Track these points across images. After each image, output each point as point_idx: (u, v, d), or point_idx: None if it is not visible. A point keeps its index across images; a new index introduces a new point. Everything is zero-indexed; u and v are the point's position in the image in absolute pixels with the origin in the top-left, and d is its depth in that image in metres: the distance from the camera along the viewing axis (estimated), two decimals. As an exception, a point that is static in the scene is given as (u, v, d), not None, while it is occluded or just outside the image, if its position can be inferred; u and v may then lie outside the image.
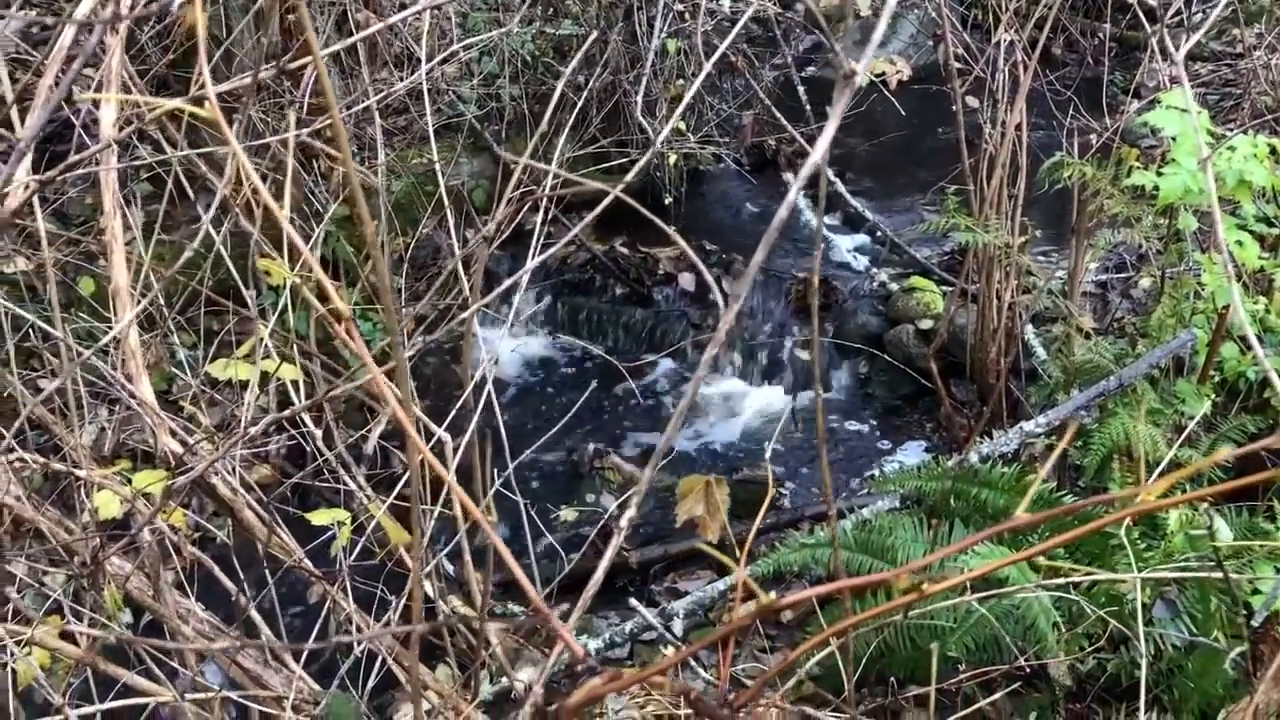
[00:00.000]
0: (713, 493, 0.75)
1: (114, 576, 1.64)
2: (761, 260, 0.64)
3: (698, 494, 0.75)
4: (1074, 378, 3.17)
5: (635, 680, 0.56)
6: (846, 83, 0.59)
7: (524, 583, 0.60)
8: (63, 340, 1.65)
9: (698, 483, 0.77)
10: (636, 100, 4.43)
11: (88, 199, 4.47)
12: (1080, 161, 2.97)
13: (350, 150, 2.53)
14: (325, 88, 0.63)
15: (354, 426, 3.93)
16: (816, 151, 0.59)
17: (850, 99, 0.61)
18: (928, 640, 2.64)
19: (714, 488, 0.76)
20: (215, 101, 0.59)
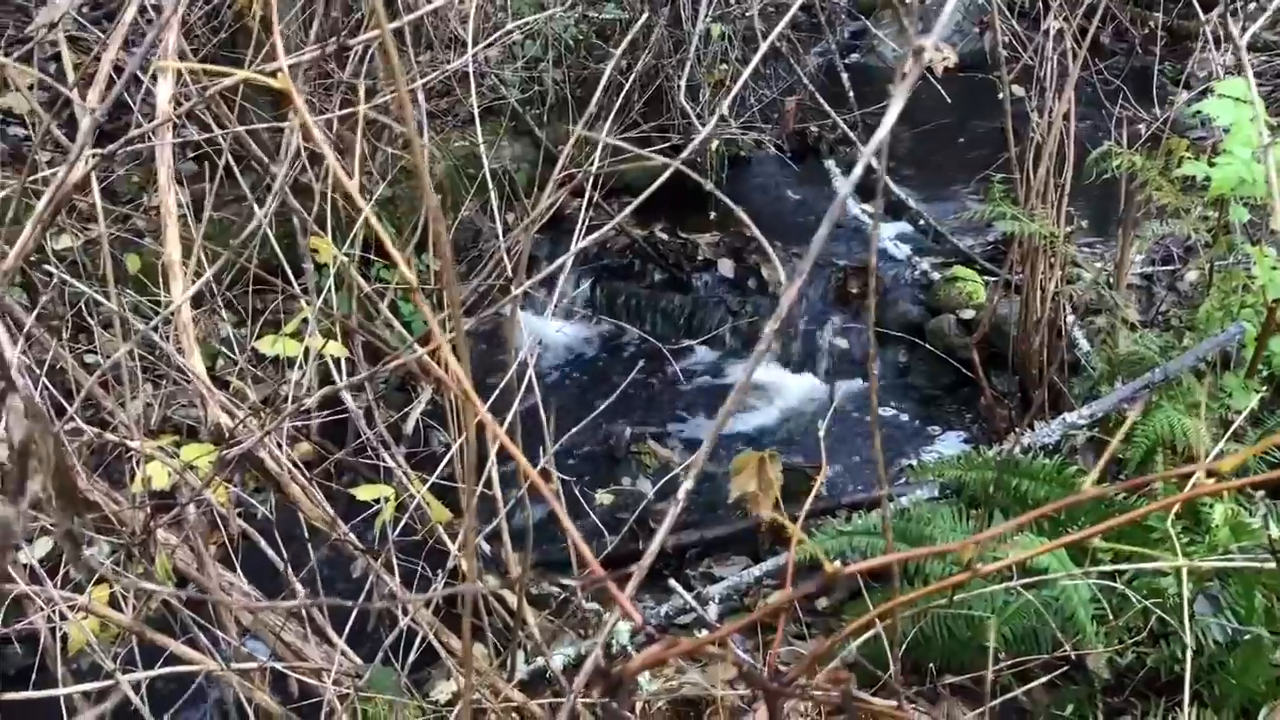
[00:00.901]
0: (766, 469, 0.76)
1: (162, 547, 1.67)
2: (817, 254, 0.64)
3: (751, 470, 0.76)
4: (1118, 370, 3.14)
5: (694, 647, 0.57)
6: (915, 60, 0.59)
7: (583, 550, 0.60)
8: (118, 314, 1.68)
9: (751, 459, 0.77)
10: (679, 85, 4.42)
11: (134, 177, 4.53)
12: (1129, 151, 2.93)
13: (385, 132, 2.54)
14: (393, 63, 0.63)
15: (394, 406, 3.97)
16: (880, 132, 0.59)
17: (915, 78, 0.60)
18: (964, 630, 2.64)
19: (768, 464, 0.76)
20: (286, 72, 0.59)
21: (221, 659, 1.72)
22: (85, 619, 1.56)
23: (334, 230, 2.89)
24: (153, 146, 2.24)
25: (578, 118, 4.75)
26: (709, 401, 4.52)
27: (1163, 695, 2.47)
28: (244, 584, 2.36)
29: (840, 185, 5.14)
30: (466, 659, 0.82)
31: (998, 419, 3.70)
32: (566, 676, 2.82)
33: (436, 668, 2.94)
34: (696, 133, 4.57)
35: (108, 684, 1.52)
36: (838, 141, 5.45)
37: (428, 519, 2.17)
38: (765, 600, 3.28)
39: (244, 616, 2.24)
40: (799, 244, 4.92)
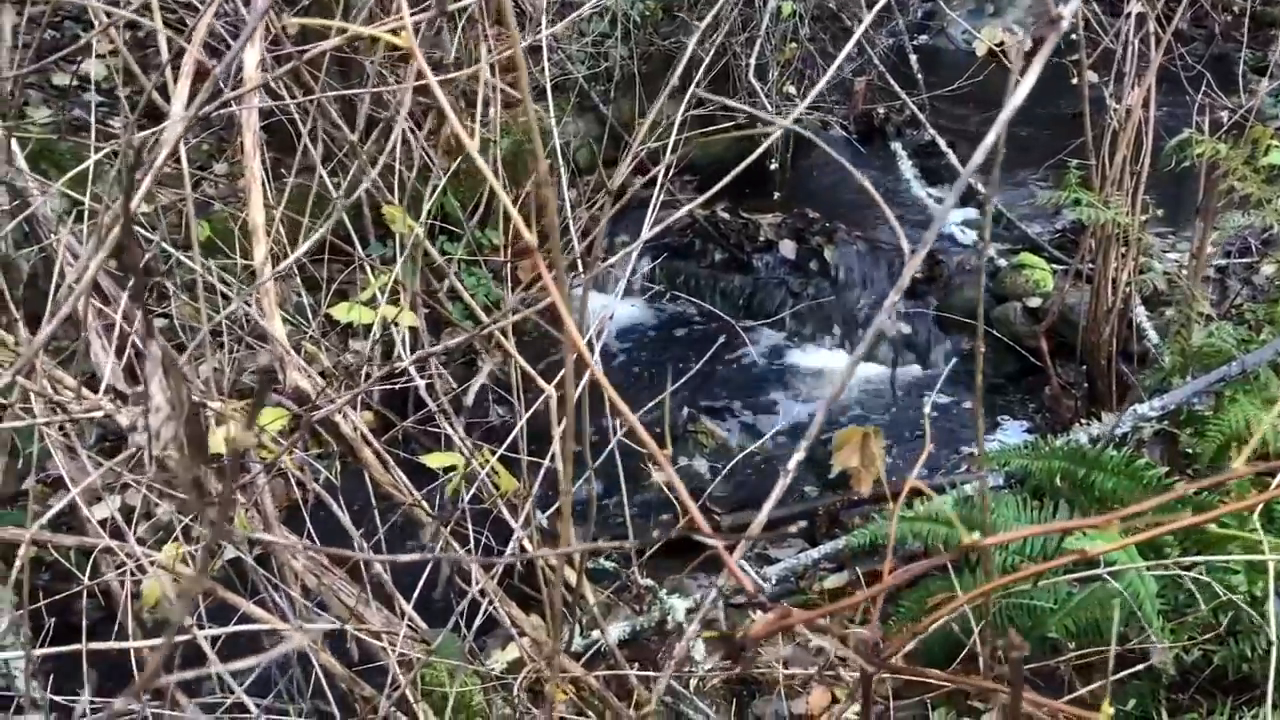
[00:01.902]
0: (870, 444, 0.75)
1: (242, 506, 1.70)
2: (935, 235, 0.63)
3: (854, 445, 0.75)
4: (1190, 363, 3.08)
5: (808, 618, 0.57)
6: (1052, 28, 0.57)
7: (693, 511, 0.60)
8: (201, 277, 1.70)
9: (855, 434, 0.76)
10: (748, 63, 4.39)
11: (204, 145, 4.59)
12: (1212, 139, 2.86)
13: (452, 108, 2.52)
14: (511, 23, 0.63)
15: (455, 378, 4.00)
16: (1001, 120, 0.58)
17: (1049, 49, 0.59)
18: (1026, 620, 2.61)
19: (872, 440, 0.75)
20: (411, 29, 0.59)
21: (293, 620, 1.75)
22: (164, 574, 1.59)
23: (401, 202, 2.91)
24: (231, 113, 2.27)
25: (644, 94, 4.74)
26: (767, 383, 4.50)
27: (1229, 694, 2.42)
28: (308, 548, 2.40)
29: (911, 182, 5.09)
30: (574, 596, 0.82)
31: (1063, 409, 3.64)
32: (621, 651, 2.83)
33: (492, 637, 2.97)
34: (763, 111, 4.54)
35: (185, 637, 1.55)
36: (905, 124, 5.38)
37: (489, 490, 2.18)
38: (822, 583, 3.27)
39: (309, 580, 2.27)
40: (862, 226, 4.88)
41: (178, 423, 0.49)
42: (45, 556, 2.81)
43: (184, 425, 0.47)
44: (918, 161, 5.26)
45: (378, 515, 2.35)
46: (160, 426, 0.49)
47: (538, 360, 4.21)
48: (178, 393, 0.50)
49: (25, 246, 2.69)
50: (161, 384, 0.50)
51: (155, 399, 0.49)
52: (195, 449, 0.47)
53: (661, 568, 3.34)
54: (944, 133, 5.15)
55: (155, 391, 0.49)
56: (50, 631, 2.59)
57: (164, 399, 0.49)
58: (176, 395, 0.50)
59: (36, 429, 1.49)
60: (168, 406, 0.49)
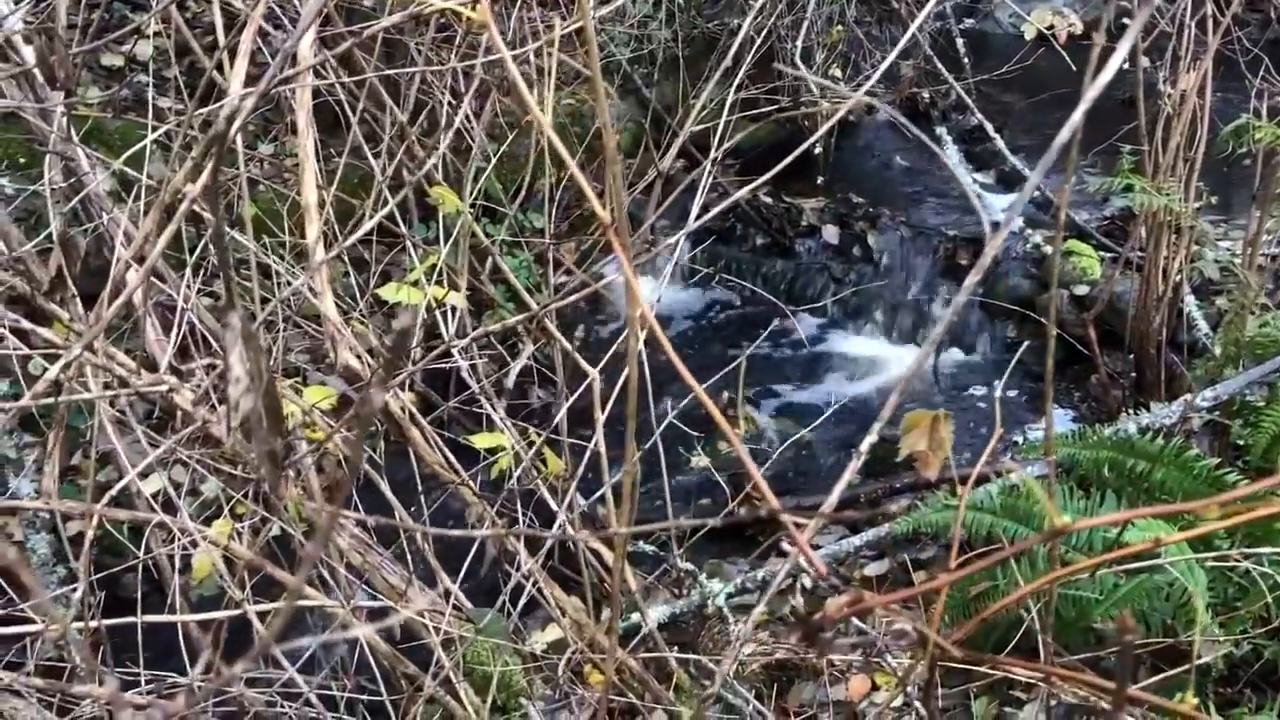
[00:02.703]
0: (939, 428, 0.74)
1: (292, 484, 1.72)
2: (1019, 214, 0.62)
3: (923, 429, 0.74)
4: (1243, 353, 3.03)
5: (882, 602, 0.56)
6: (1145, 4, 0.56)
7: (763, 485, 0.59)
8: (255, 256, 1.71)
9: (924, 417, 0.75)
10: (794, 47, 4.35)
11: (250, 126, 4.62)
12: (1270, 125, 2.81)
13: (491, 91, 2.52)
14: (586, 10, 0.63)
15: (494, 360, 4.01)
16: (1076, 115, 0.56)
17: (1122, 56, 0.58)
18: (1070, 610, 2.59)
19: (941, 423, 0.75)
20: (487, 3, 0.59)
21: (339, 598, 1.77)
22: (217, 553, 1.61)
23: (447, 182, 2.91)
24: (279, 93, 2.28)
25: (687, 77, 4.71)
26: (808, 370, 4.48)
27: (1278, 690, 2.40)
28: (355, 526, 2.42)
29: (956, 167, 5.03)
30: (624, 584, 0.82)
31: (1110, 398, 3.60)
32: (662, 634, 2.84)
33: (533, 618, 2.99)
34: (807, 95, 4.51)
35: (236, 612, 1.57)
36: (951, 108, 5.32)
37: (536, 470, 2.19)
38: (863, 570, 3.26)
39: (354, 558, 2.29)
40: (906, 211, 4.83)
41: (256, 394, 0.50)
42: (94, 531, 2.86)
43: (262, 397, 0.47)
44: (964, 146, 5.20)
45: (423, 496, 2.37)
46: (240, 398, 0.49)
47: (576, 344, 4.22)
48: (256, 365, 0.50)
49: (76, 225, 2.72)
50: (241, 355, 0.50)
51: (235, 370, 0.49)
52: (273, 420, 0.48)
53: (701, 552, 3.34)
54: (990, 118, 5.09)
55: (235, 363, 0.49)
56: (101, 604, 2.64)
57: (243, 370, 0.50)
58: (255, 367, 0.50)
59: (94, 405, 1.51)
60: (247, 378, 0.50)
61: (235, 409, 0.49)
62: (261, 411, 0.47)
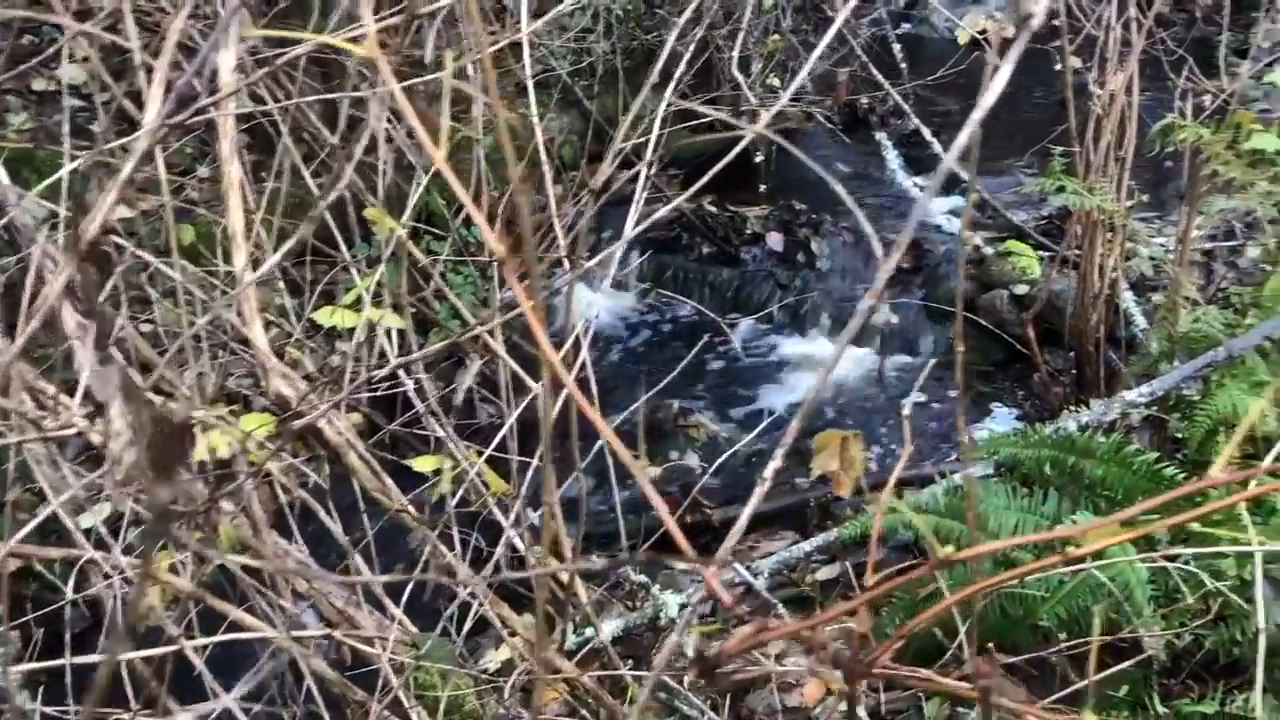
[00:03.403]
0: (849, 448, 0.75)
1: (225, 515, 1.69)
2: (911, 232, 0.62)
3: (833, 449, 0.74)
4: (1177, 348, 3.09)
5: (787, 632, 0.56)
6: (1023, 27, 0.57)
7: (675, 531, 0.59)
8: (181, 284, 1.69)
9: (835, 438, 0.76)
10: (730, 56, 4.38)
11: (187, 148, 4.56)
12: (1195, 124, 2.86)
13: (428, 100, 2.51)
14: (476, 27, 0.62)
15: (442, 378, 3.98)
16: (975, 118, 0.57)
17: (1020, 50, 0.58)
18: (1017, 609, 2.61)
19: (852, 443, 0.75)
20: (374, 39, 0.58)
21: (281, 627, 1.74)
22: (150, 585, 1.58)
23: (385, 201, 2.89)
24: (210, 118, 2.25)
25: (627, 89, 4.73)
26: (756, 377, 4.50)
27: (1220, 678, 2.43)
28: (299, 553, 2.39)
29: (896, 171, 5.08)
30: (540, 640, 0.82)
31: (1051, 396, 3.65)
32: (615, 649, 2.83)
33: (485, 637, 2.97)
34: (747, 104, 4.54)
35: (172, 648, 1.54)
36: (889, 113, 5.38)
37: (480, 491, 2.18)
38: (814, 575, 3.27)
39: (300, 584, 2.26)
40: (848, 217, 4.87)
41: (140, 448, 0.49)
42: (34, 567, 2.80)
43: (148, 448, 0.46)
44: (903, 151, 5.26)
45: (367, 518, 2.34)
46: (122, 452, 0.48)
47: (525, 356, 4.20)
48: (138, 416, 0.49)
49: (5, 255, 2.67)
50: (121, 407, 0.49)
51: (115, 424, 0.48)
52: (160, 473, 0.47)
53: (654, 564, 3.34)
54: (928, 122, 5.15)
55: (115, 416, 0.48)
56: (39, 642, 2.58)
57: (124, 423, 0.48)
58: (138, 419, 0.49)
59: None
60: (129, 431, 0.49)
61: (118, 464, 0.48)
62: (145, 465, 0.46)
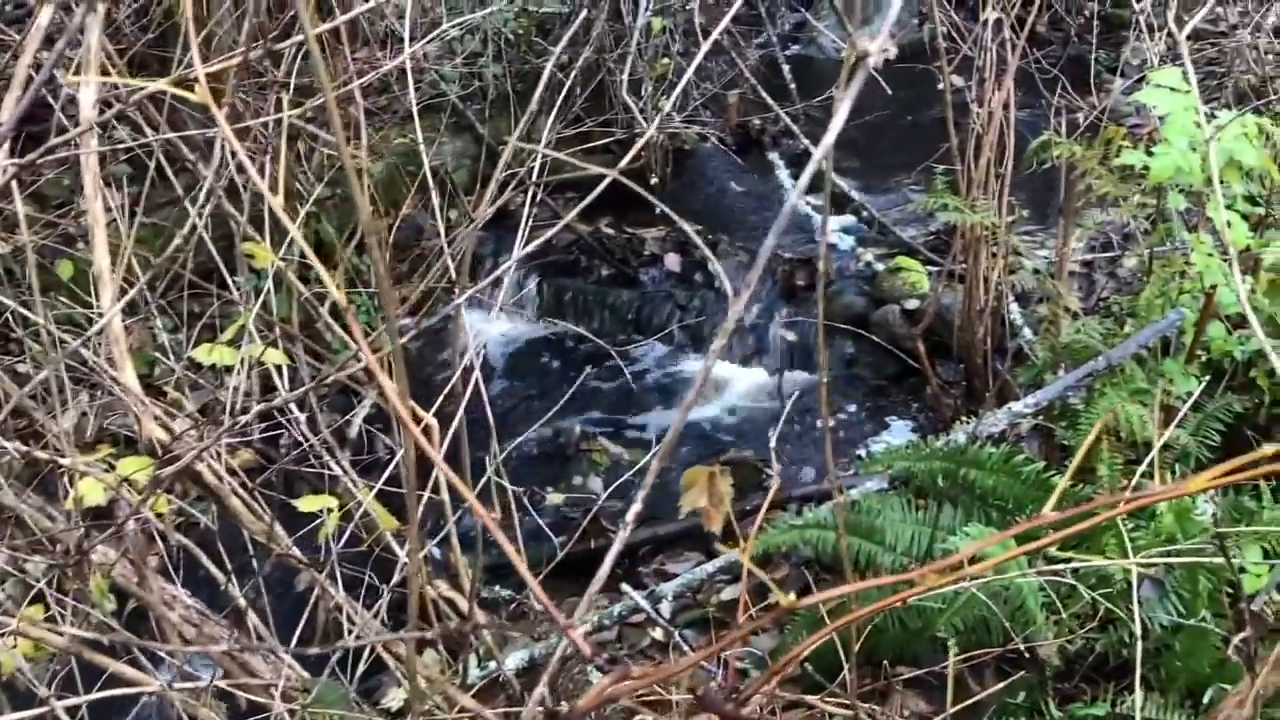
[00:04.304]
0: (716, 484, 0.74)
1: (99, 565, 1.62)
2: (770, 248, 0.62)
3: (701, 486, 0.74)
4: (1061, 358, 3.17)
5: (644, 684, 0.55)
6: (860, 64, 0.57)
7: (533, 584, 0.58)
8: (44, 325, 1.62)
9: (701, 474, 0.75)
10: (621, 79, 4.40)
11: (65, 181, 4.40)
12: (1069, 141, 2.95)
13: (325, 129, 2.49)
14: (318, 67, 0.60)
15: (336, 410, 3.90)
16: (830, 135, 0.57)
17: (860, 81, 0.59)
18: (916, 621, 2.65)
19: (718, 479, 0.75)
20: (205, 83, 0.56)
21: (165, 679, 1.67)
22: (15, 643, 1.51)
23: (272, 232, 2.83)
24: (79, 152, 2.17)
25: (519, 113, 4.71)
26: (658, 397, 4.50)
27: (1111, 680, 2.50)
28: (186, 597, 2.31)
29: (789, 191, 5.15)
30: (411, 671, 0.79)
31: (944, 408, 3.72)
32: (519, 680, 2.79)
33: (387, 674, 2.90)
34: (639, 127, 4.56)
35: (41, 710, 1.47)
36: (780, 134, 5.46)
37: (374, 526, 2.13)
38: (719, 596, 3.27)
39: (187, 631, 2.18)
40: (744, 237, 4.92)
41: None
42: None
43: None
44: (794, 170, 5.33)
45: (255, 560, 2.28)
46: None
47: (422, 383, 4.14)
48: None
49: None
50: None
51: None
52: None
53: (558, 591, 3.31)
54: (818, 141, 5.23)
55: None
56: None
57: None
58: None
59: None
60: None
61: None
62: None
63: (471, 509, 1.77)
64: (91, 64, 1.40)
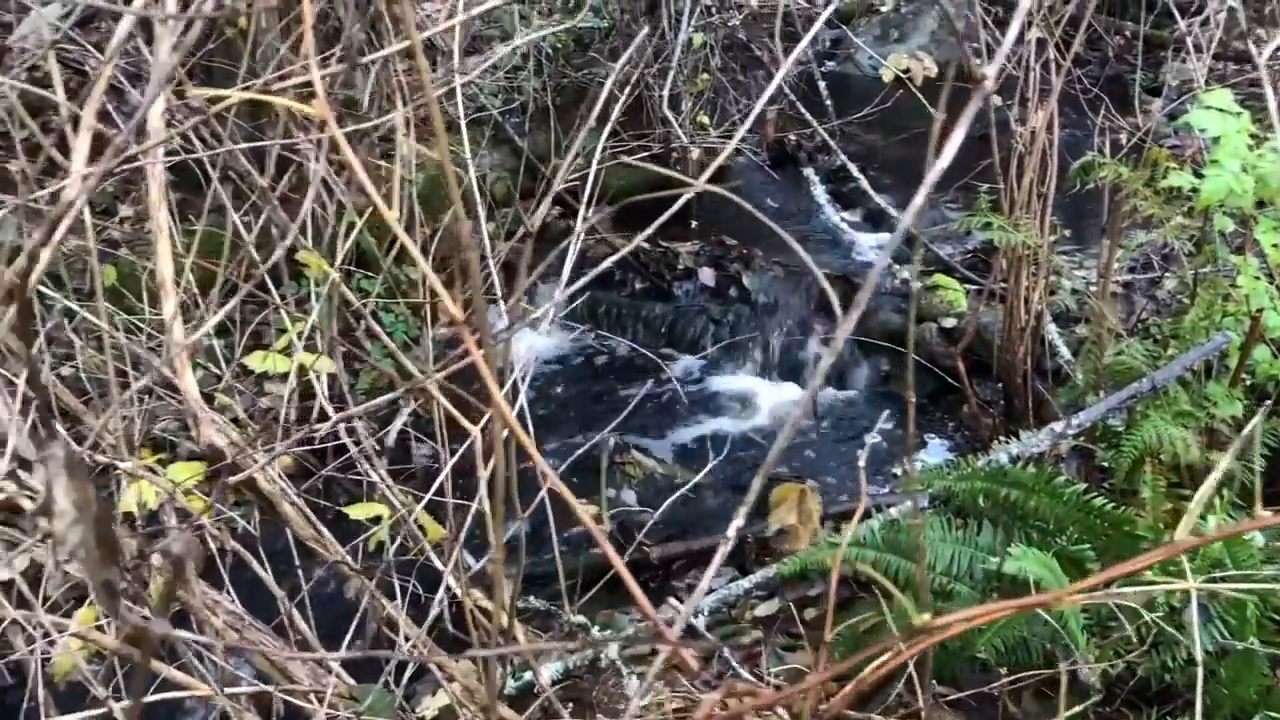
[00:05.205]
0: (806, 502, 0.74)
1: (158, 569, 1.64)
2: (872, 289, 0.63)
3: (791, 503, 0.74)
4: (1103, 379, 3.16)
5: (759, 706, 0.55)
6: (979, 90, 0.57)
7: (641, 600, 0.58)
8: (107, 331, 1.64)
9: (791, 491, 0.75)
10: (662, 95, 4.41)
11: (109, 188, 4.46)
12: (1114, 161, 2.95)
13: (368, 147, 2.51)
14: (423, 74, 0.62)
15: (375, 419, 3.92)
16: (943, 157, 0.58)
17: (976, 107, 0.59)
18: (955, 641, 2.63)
19: (808, 497, 0.75)
20: (324, 97, 0.57)
21: (214, 682, 1.69)
22: (77, 646, 1.53)
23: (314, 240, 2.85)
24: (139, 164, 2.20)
25: (558, 126, 4.74)
26: (691, 411, 4.50)
27: (1153, 705, 2.48)
28: (230, 602, 2.32)
29: (823, 207, 5.15)
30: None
31: (982, 427, 3.71)
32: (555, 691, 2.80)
33: (422, 683, 2.91)
34: (677, 141, 4.58)
35: (99, 711, 1.48)
36: (816, 150, 5.46)
37: (418, 538, 2.14)
38: (753, 611, 3.26)
39: (230, 636, 2.20)
40: (779, 253, 4.93)
41: (84, 526, 0.46)
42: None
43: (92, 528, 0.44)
44: (830, 186, 5.34)
45: (300, 568, 2.29)
46: (66, 531, 0.46)
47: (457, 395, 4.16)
48: (83, 494, 0.47)
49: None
50: (66, 486, 0.47)
51: (60, 503, 0.46)
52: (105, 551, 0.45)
53: (594, 602, 3.31)
54: (854, 158, 5.24)
55: (59, 495, 0.46)
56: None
57: (68, 503, 0.46)
58: (83, 498, 0.47)
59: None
60: (73, 510, 0.46)
61: (62, 542, 0.46)
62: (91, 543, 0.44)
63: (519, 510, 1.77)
64: (162, 75, 1.43)
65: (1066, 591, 0.61)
